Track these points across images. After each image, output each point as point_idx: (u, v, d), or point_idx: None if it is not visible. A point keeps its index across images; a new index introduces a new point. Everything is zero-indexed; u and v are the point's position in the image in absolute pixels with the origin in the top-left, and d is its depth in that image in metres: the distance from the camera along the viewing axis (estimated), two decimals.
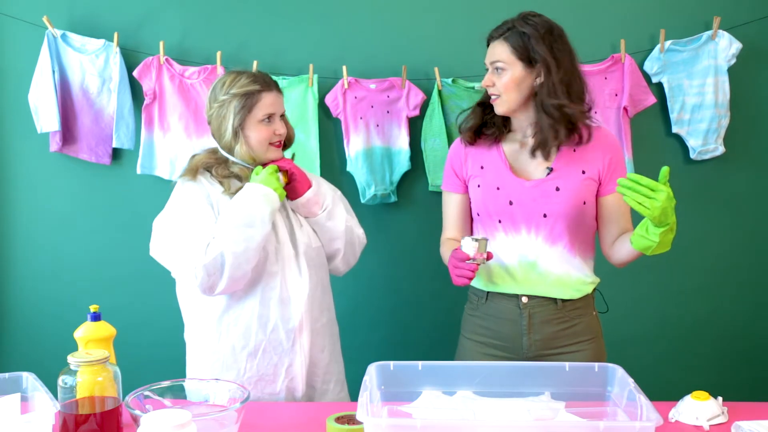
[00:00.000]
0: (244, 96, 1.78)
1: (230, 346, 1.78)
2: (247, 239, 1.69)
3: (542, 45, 1.71)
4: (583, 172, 1.77)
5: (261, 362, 1.78)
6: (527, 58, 1.72)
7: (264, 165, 1.85)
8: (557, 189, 1.75)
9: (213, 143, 1.87)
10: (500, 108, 1.78)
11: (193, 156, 1.89)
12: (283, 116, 1.87)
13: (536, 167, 1.79)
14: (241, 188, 1.78)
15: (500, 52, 1.74)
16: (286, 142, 1.92)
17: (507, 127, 1.84)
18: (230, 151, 1.82)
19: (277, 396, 1.79)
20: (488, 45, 1.79)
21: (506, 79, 1.73)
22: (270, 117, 1.81)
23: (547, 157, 1.77)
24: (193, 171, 1.82)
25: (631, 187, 1.53)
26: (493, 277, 1.82)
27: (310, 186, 1.86)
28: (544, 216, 1.75)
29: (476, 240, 1.68)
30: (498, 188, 1.79)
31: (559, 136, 1.73)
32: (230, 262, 1.67)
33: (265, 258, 1.77)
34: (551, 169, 1.77)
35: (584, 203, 1.77)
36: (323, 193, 1.91)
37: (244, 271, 1.70)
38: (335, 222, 1.90)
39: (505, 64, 1.73)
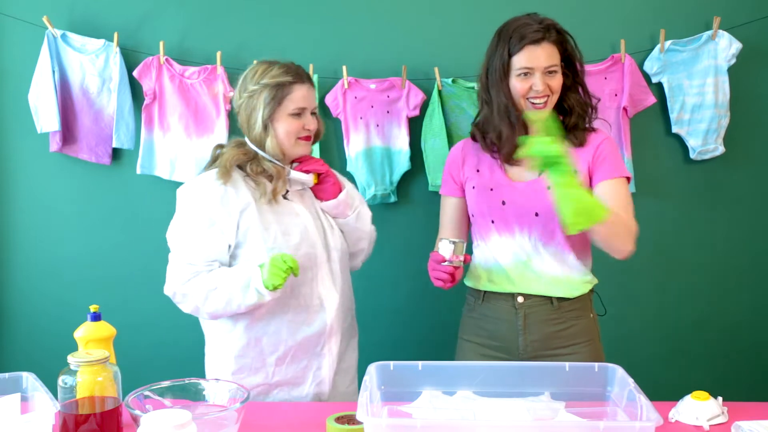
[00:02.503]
0: (276, 87, 1.72)
1: (258, 351, 1.75)
2: (219, 308, 1.70)
3: (575, 44, 1.77)
4: (575, 171, 1.77)
5: (289, 367, 1.76)
6: (564, 60, 1.76)
7: (294, 161, 1.81)
8: (549, 188, 1.75)
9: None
10: (547, 112, 1.76)
11: (219, 148, 1.81)
12: (315, 111, 1.81)
13: (530, 169, 1.79)
14: (274, 191, 1.74)
15: (554, 54, 1.72)
16: (315, 136, 1.86)
17: None
18: (260, 144, 1.76)
19: (303, 398, 1.78)
20: (522, 49, 1.71)
21: (559, 80, 1.75)
22: (301, 111, 1.76)
23: (583, 138, 1.79)
24: (226, 170, 1.72)
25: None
26: (489, 277, 1.83)
27: (341, 189, 1.84)
28: (536, 215, 1.76)
29: (452, 242, 1.70)
30: (491, 189, 1.81)
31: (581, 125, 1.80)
32: (192, 307, 1.73)
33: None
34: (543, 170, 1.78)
35: None
36: (352, 195, 1.88)
37: (207, 315, 1.74)
38: (363, 223, 1.89)
39: (557, 67, 1.73)
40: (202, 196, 1.71)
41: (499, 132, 1.79)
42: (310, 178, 1.81)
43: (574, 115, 1.80)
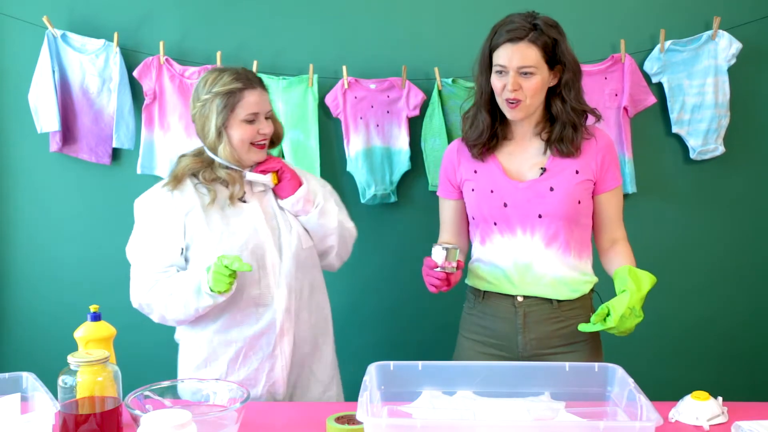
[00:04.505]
0: (227, 94, 1.73)
1: (212, 350, 1.78)
2: (179, 314, 1.73)
3: (565, 48, 1.71)
4: (577, 172, 1.76)
5: (242, 368, 1.77)
6: (552, 61, 1.71)
7: (256, 165, 1.81)
8: (551, 189, 1.75)
9: None
10: (520, 113, 1.73)
11: (181, 157, 1.85)
12: (269, 115, 1.81)
13: (530, 168, 1.79)
14: (231, 196, 1.77)
15: (530, 55, 1.68)
16: (274, 140, 1.87)
17: (504, 134, 1.82)
18: (215, 151, 1.78)
19: (258, 399, 1.78)
20: (500, 45, 1.70)
21: (535, 83, 1.69)
22: (254, 116, 1.76)
23: (572, 149, 1.75)
24: (177, 178, 1.78)
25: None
26: (490, 278, 1.82)
27: (300, 184, 1.83)
28: (540, 216, 1.75)
29: (445, 248, 1.69)
30: (492, 191, 1.79)
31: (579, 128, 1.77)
32: (158, 316, 1.77)
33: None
34: (544, 170, 1.77)
35: (579, 202, 1.76)
36: (313, 190, 1.86)
37: (174, 322, 1.79)
38: (327, 219, 1.86)
39: (536, 69, 1.69)
40: (151, 205, 1.79)
41: (478, 120, 1.80)
42: (268, 179, 1.81)
43: (558, 123, 1.76)
